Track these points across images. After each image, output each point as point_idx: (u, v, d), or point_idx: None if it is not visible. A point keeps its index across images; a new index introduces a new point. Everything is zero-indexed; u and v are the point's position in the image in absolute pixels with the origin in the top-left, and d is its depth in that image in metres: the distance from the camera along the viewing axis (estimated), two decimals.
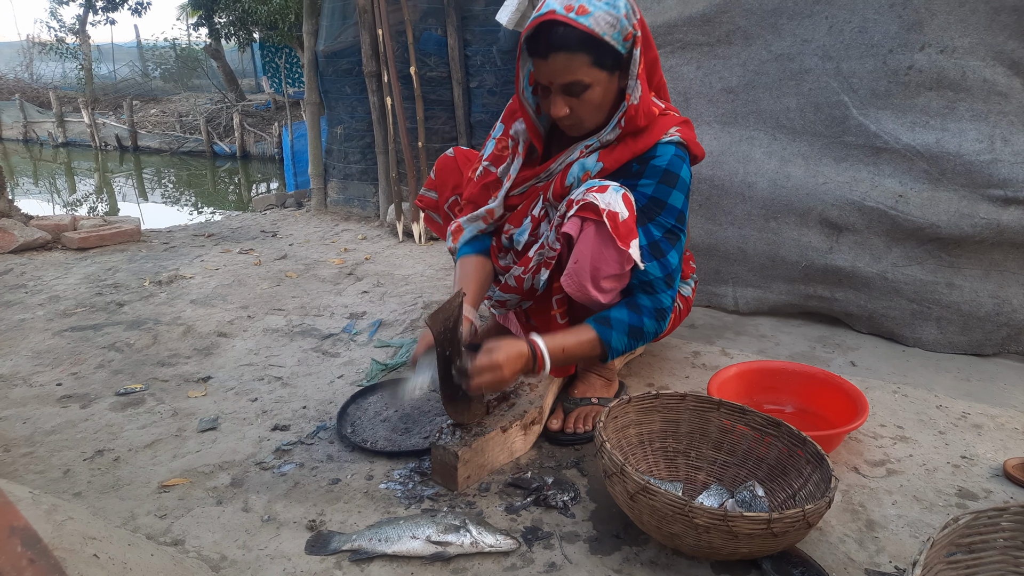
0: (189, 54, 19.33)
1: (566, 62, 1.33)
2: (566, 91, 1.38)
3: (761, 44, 2.20)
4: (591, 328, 1.42)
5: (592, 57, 1.34)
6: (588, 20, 1.30)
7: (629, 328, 1.42)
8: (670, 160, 1.44)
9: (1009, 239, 1.92)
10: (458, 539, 1.16)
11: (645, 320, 1.43)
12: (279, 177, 10.46)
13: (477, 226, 1.65)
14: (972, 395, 1.78)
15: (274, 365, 1.99)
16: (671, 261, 1.44)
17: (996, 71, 1.89)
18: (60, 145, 15.55)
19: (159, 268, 3.03)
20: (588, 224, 1.37)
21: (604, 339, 1.41)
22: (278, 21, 11.30)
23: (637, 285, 1.44)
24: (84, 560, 0.89)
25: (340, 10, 3.85)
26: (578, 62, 1.33)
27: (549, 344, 1.37)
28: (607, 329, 1.41)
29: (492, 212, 1.62)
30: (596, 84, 1.37)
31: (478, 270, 1.63)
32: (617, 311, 1.43)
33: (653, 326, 1.45)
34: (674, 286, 1.47)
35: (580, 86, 1.37)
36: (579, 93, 1.38)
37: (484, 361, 1.30)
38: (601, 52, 1.34)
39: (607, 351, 1.43)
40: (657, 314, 1.44)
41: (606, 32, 1.32)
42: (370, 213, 4.13)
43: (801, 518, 1.04)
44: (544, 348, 1.36)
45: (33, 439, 1.58)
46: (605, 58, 1.35)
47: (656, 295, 1.44)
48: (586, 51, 1.33)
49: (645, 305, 1.43)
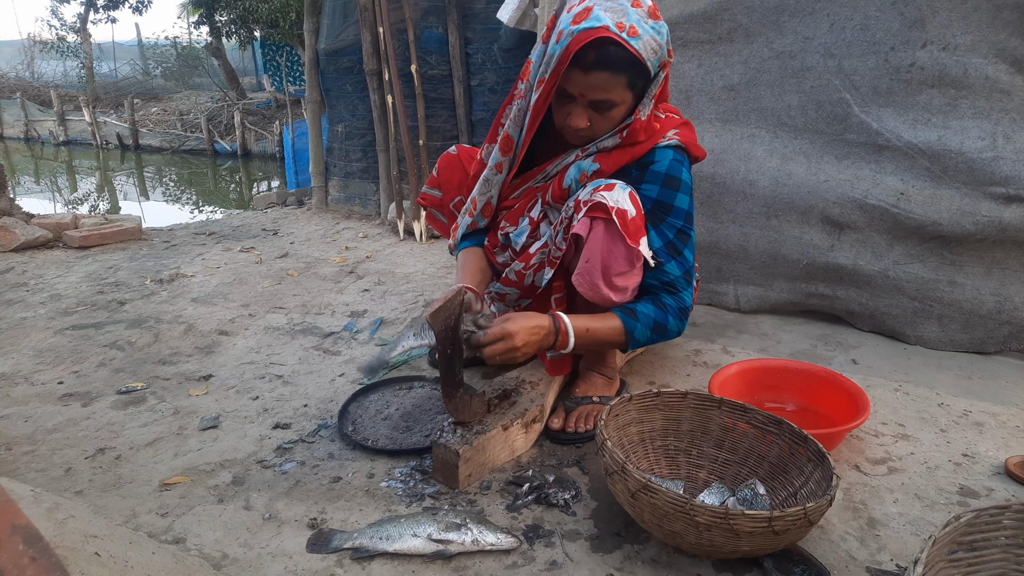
0: (190, 52, 19.33)
1: (607, 81, 1.33)
2: (593, 106, 1.39)
3: (762, 42, 2.20)
4: (617, 316, 1.43)
5: (629, 79, 1.35)
6: (638, 43, 1.30)
7: (654, 323, 1.44)
8: (669, 164, 1.45)
9: (1011, 237, 1.92)
10: (459, 537, 1.16)
11: (670, 319, 1.46)
12: (280, 175, 10.46)
13: (466, 221, 1.68)
14: (974, 393, 1.78)
15: (275, 363, 2.00)
16: (688, 259, 1.47)
17: (998, 68, 1.89)
18: (61, 143, 15.55)
19: (160, 266, 3.03)
20: (597, 223, 1.37)
21: (629, 329, 1.43)
22: (279, 19, 11.29)
23: (659, 286, 1.46)
24: (86, 558, 0.89)
25: (341, 8, 3.85)
26: (616, 82, 1.34)
27: (575, 321, 1.38)
28: (632, 320, 1.43)
29: (489, 208, 1.64)
30: (623, 103, 1.39)
31: (481, 259, 1.66)
32: (643, 305, 1.45)
33: (676, 325, 1.47)
34: (692, 283, 1.49)
35: (609, 104, 1.37)
36: (605, 111, 1.39)
37: (496, 331, 1.31)
38: (637, 75, 1.35)
39: (629, 341, 1.44)
40: (681, 313, 1.47)
41: (649, 58, 1.33)
42: (371, 211, 4.13)
43: (802, 516, 1.04)
44: (568, 323, 1.37)
45: (35, 437, 1.58)
46: (638, 81, 1.36)
47: (679, 294, 1.46)
48: (626, 73, 1.33)
49: (669, 304, 1.46)
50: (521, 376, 1.64)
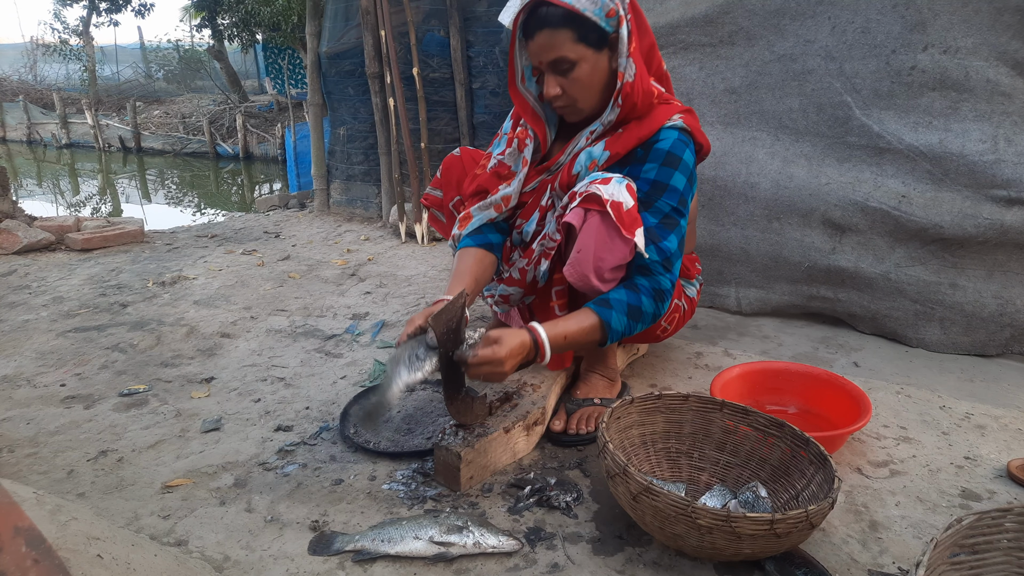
0: (192, 55, 19.39)
1: (550, 38, 1.39)
2: (554, 69, 1.43)
3: (764, 45, 2.20)
4: (591, 311, 1.39)
5: (575, 33, 1.38)
6: None
7: (628, 308, 1.40)
8: (673, 143, 1.46)
9: (1013, 240, 1.91)
10: (461, 540, 1.16)
11: (643, 299, 1.41)
12: (282, 178, 10.48)
13: (487, 214, 1.63)
14: (976, 396, 1.78)
15: (277, 366, 2.00)
16: (669, 246, 1.43)
17: (999, 71, 1.89)
18: (64, 146, 15.59)
19: (162, 269, 3.04)
20: (592, 214, 1.37)
21: (604, 319, 1.38)
22: (281, 23, 11.32)
23: (635, 269, 1.44)
24: (88, 560, 0.89)
25: (343, 11, 3.86)
26: (561, 38, 1.38)
27: (550, 332, 1.35)
28: (607, 310, 1.39)
29: (508, 199, 1.61)
30: (583, 61, 1.41)
31: (477, 263, 1.60)
32: (615, 292, 1.42)
33: (652, 306, 1.42)
34: (673, 270, 1.45)
35: (566, 62, 1.41)
36: (567, 71, 1.42)
37: (487, 353, 1.28)
38: (584, 28, 1.38)
39: (607, 333, 1.40)
40: (656, 294, 1.42)
41: (587, 8, 1.37)
42: (373, 214, 4.13)
43: (804, 519, 1.04)
44: (544, 336, 1.34)
45: (37, 440, 1.58)
46: (589, 34, 1.39)
47: (654, 276, 1.42)
48: (568, 27, 1.38)
49: (643, 285, 1.42)
50: (523, 379, 1.64)
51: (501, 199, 1.61)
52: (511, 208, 1.63)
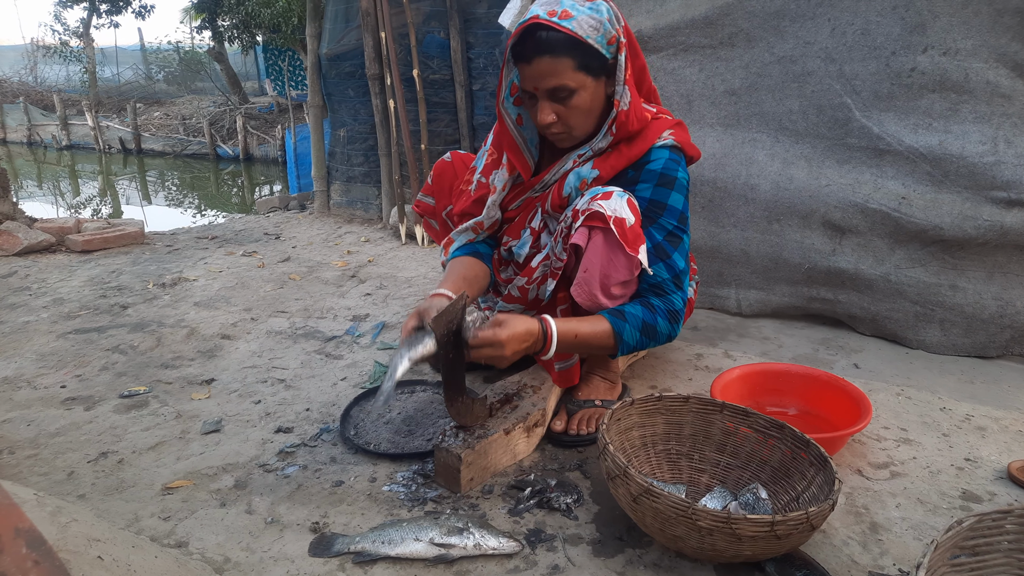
0: (192, 57, 19.40)
1: (551, 66, 1.34)
2: (552, 96, 1.38)
3: (763, 46, 2.20)
4: (605, 319, 1.39)
5: (577, 61, 1.34)
6: (571, 24, 1.31)
7: (643, 324, 1.40)
8: (665, 164, 1.45)
9: (1013, 241, 1.92)
10: (461, 541, 1.16)
11: (659, 320, 1.42)
12: (282, 179, 10.49)
13: (467, 236, 1.67)
14: (976, 397, 1.78)
15: (277, 367, 2.00)
16: (677, 263, 1.44)
17: (999, 73, 1.89)
18: (64, 148, 15.60)
19: (163, 270, 3.04)
20: (596, 232, 1.36)
21: (618, 331, 1.38)
22: (281, 24, 11.35)
23: (647, 288, 1.44)
24: (88, 562, 0.90)
25: (343, 13, 3.87)
26: (563, 65, 1.34)
27: (561, 326, 1.34)
28: (621, 322, 1.39)
29: (481, 224, 1.64)
30: (582, 89, 1.38)
31: (467, 267, 1.61)
32: (631, 307, 1.41)
33: (667, 327, 1.43)
34: (683, 287, 1.46)
35: (566, 91, 1.37)
36: (565, 99, 1.38)
37: (488, 335, 1.26)
38: (586, 56, 1.35)
39: (619, 344, 1.40)
40: (670, 316, 1.43)
41: (589, 35, 1.33)
42: (373, 215, 4.14)
43: (804, 520, 1.04)
44: (554, 328, 1.33)
45: (37, 441, 1.58)
46: (591, 62, 1.36)
47: (667, 296, 1.43)
48: (570, 55, 1.33)
49: (658, 306, 1.43)
50: (523, 380, 1.64)
51: (475, 223, 1.64)
52: (488, 228, 1.65)
